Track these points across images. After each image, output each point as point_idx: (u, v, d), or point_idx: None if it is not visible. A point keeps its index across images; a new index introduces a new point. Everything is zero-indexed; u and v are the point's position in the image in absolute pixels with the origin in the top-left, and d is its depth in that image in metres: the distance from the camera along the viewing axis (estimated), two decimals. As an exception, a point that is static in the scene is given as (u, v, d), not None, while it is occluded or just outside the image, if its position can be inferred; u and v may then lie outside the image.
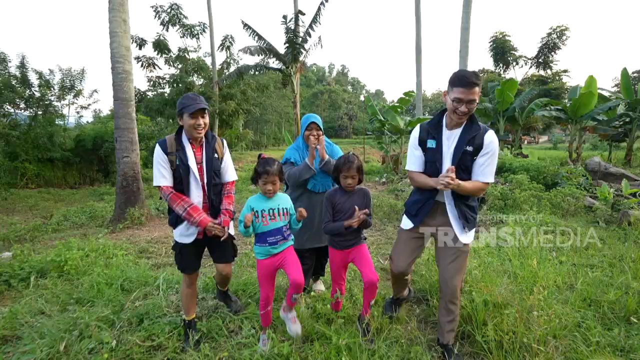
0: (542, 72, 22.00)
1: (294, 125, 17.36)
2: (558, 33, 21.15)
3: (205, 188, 2.38)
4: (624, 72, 13.77)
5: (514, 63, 22.77)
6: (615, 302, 2.56)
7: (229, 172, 2.54)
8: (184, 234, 2.37)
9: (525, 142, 39.88)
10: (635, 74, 26.16)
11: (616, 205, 5.66)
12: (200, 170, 2.36)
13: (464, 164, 2.12)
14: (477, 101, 2.02)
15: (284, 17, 13.54)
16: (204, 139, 2.40)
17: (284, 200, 2.40)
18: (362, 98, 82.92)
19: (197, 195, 2.35)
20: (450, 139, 2.17)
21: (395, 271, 2.41)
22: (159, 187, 2.30)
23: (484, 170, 2.13)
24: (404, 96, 13.58)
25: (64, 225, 7.07)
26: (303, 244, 2.89)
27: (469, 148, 2.10)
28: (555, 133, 39.43)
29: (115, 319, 2.53)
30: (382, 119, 14.13)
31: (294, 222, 2.41)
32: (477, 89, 2.00)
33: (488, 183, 2.16)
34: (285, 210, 2.36)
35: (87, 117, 23.58)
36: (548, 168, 8.11)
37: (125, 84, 5.96)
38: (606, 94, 15.12)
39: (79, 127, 22.48)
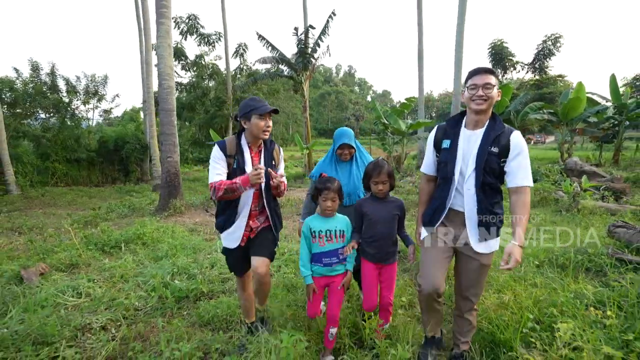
0: (538, 77, 23.09)
1: (303, 127, 18.63)
2: (552, 40, 22.30)
3: (262, 193, 2.34)
4: (612, 77, 14.76)
5: (512, 68, 23.93)
6: (532, 255, 3.75)
7: (283, 180, 2.47)
8: (229, 239, 2.35)
9: (532, 142, 40.78)
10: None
11: (576, 197, 6.80)
12: None
13: (490, 166, 1.96)
14: (496, 87, 1.96)
15: (295, 29, 14.79)
16: (263, 145, 2.39)
17: (341, 222, 2.36)
18: (369, 99, 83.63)
19: (246, 200, 2.31)
20: (471, 139, 2.03)
21: (428, 289, 2.09)
22: (212, 184, 2.19)
23: (523, 172, 1.95)
24: (405, 101, 14.77)
25: (112, 215, 8.39)
26: None
27: (494, 149, 1.95)
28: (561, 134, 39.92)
29: (196, 265, 3.80)
30: (386, 121, 15.32)
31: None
32: (492, 76, 1.96)
33: (529, 187, 1.97)
34: (341, 232, 2.32)
35: (99, 119, 24.86)
36: (529, 167, 9.24)
37: (169, 97, 7.28)
38: (599, 99, 16.10)
39: (99, 130, 23.77)
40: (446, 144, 2.10)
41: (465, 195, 2.02)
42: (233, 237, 2.33)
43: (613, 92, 14.76)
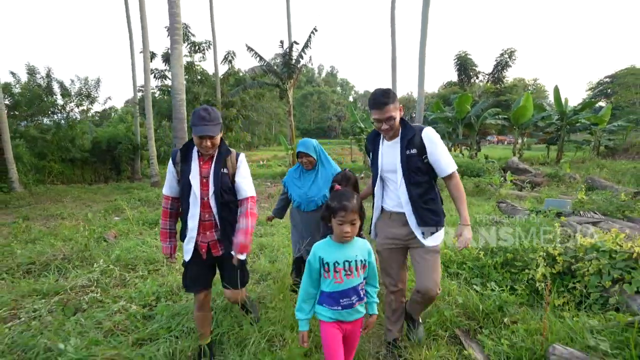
0: (497, 86, 25.87)
1: (287, 128, 20.37)
2: (509, 54, 25.18)
3: (211, 205, 2.22)
4: (556, 88, 17.14)
5: (475, 77, 26.63)
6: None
7: (244, 188, 2.31)
8: (185, 250, 2.26)
9: (505, 142, 43.99)
10: (607, 79, 29.98)
11: (501, 187, 8.87)
12: (204, 184, 2.23)
13: (414, 166, 2.15)
14: (396, 116, 2.08)
15: (281, 42, 16.57)
16: (217, 152, 2.29)
17: (362, 247, 1.84)
18: (351, 99, 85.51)
19: (194, 211, 2.22)
20: (393, 148, 2.24)
21: (392, 288, 2.38)
22: (165, 197, 2.33)
23: (443, 162, 2.16)
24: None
25: (128, 206, 9.91)
26: (301, 251, 3.04)
27: (413, 151, 2.15)
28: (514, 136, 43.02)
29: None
30: (362, 125, 17.28)
31: (374, 276, 1.90)
32: (390, 106, 2.05)
33: (454, 171, 2.18)
34: (363, 262, 1.81)
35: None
36: (475, 165, 11.31)
37: (182, 108, 8.93)
38: (543, 105, 18.51)
39: (92, 130, 24.81)
40: (370, 151, 2.43)
41: (401, 198, 2.21)
42: (186, 248, 2.24)
43: (556, 101, 17.18)
